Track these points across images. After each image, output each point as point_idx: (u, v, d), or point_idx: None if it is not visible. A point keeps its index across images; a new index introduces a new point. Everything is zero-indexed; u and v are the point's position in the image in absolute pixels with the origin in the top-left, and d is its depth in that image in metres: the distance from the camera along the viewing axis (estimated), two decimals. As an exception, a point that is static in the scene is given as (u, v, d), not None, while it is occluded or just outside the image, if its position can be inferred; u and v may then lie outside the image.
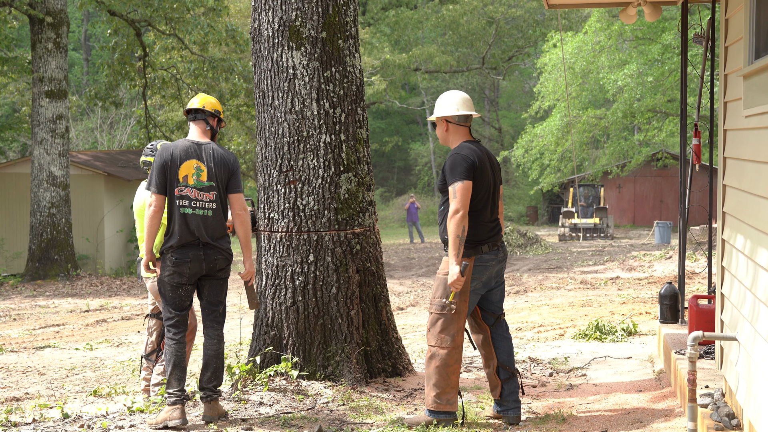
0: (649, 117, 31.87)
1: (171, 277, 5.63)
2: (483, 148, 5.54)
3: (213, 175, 5.65)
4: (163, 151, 5.65)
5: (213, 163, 5.66)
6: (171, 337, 5.66)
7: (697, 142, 7.57)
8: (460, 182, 5.28)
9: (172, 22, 21.15)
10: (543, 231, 35.97)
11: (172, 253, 5.61)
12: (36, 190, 18.92)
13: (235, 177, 5.74)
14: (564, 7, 10.02)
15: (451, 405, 5.41)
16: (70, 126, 22.16)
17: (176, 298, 5.67)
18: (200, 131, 5.80)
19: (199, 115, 5.81)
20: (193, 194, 5.62)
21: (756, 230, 4.32)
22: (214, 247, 5.65)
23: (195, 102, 5.84)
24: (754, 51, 4.53)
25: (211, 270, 5.69)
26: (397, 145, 48.49)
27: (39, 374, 8.20)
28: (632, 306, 11.59)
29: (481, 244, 5.41)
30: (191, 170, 5.62)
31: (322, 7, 6.63)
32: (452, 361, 5.39)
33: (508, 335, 5.69)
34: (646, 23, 26.59)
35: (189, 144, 5.70)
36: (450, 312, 5.36)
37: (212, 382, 5.74)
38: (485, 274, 5.46)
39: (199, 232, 5.59)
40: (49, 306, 14.62)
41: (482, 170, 5.39)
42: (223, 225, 5.72)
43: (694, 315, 6.50)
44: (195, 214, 5.61)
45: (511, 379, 5.56)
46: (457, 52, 42.81)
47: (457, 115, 5.54)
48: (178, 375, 5.61)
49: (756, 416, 4.18)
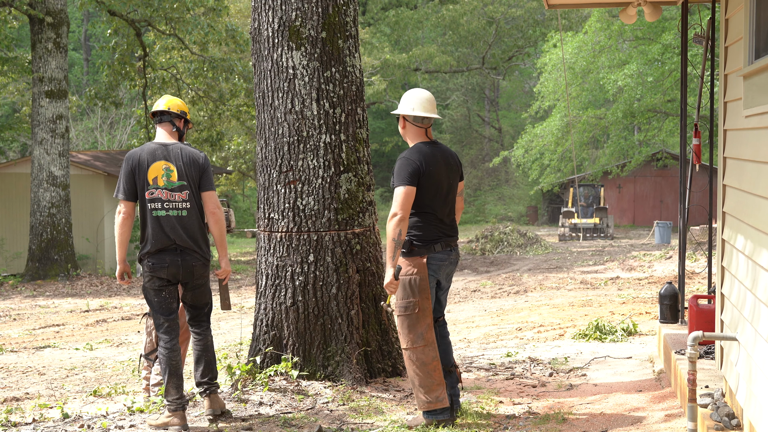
0: (649, 117, 31.89)
1: (152, 282, 5.57)
2: (439, 149, 5.59)
3: (183, 174, 5.58)
4: (129, 157, 5.59)
5: (182, 162, 5.59)
6: (164, 345, 5.59)
7: (697, 142, 7.57)
8: (402, 187, 5.37)
9: (172, 22, 21.15)
10: (543, 231, 35.97)
11: (148, 259, 5.54)
12: (36, 190, 18.92)
13: (206, 174, 5.67)
14: (564, 7, 10.02)
15: (441, 401, 5.46)
16: (70, 126, 22.17)
17: (162, 301, 5.60)
18: (166, 133, 5.73)
19: (165, 117, 5.75)
20: (164, 195, 5.54)
21: (756, 230, 4.32)
22: (192, 252, 5.57)
23: (160, 104, 5.79)
24: (754, 51, 4.53)
25: (188, 277, 5.62)
26: (397, 145, 48.45)
27: (39, 374, 8.20)
28: (632, 306, 11.59)
29: (434, 243, 5.50)
30: (160, 171, 5.55)
31: (322, 7, 6.63)
32: (429, 359, 5.46)
33: (446, 334, 5.81)
34: (646, 23, 26.60)
35: (155, 146, 5.63)
36: (413, 311, 5.45)
37: (207, 375, 5.73)
38: (439, 272, 5.56)
39: (175, 234, 5.52)
40: (49, 306, 14.62)
41: (431, 173, 5.45)
42: (200, 225, 5.63)
43: (694, 315, 6.50)
44: (169, 216, 5.52)
45: (449, 376, 5.68)
46: (457, 52, 42.82)
47: (412, 115, 5.57)
48: (176, 383, 5.56)
49: (756, 416, 4.18)
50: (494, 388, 6.65)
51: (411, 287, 5.48)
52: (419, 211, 5.48)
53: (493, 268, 20.16)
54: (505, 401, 6.24)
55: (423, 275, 5.46)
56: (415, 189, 5.39)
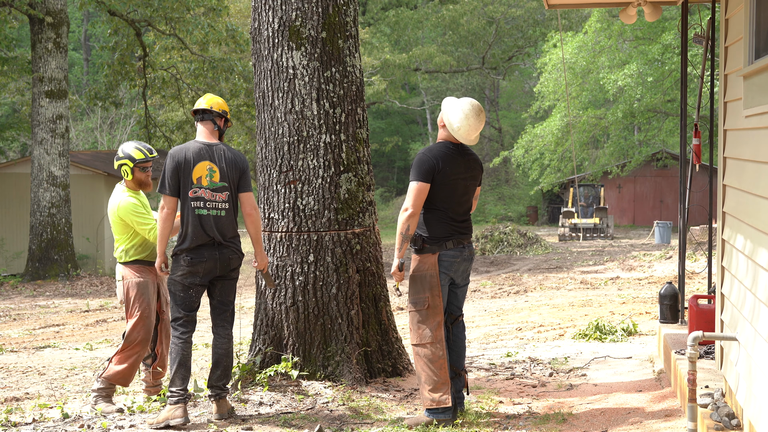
0: (649, 117, 31.90)
1: (184, 277, 5.69)
2: (462, 151, 5.60)
3: (225, 175, 5.72)
4: (176, 154, 5.69)
5: (225, 163, 5.73)
6: (178, 336, 5.71)
7: (697, 142, 7.57)
8: (415, 183, 5.42)
9: (172, 22, 21.15)
10: (543, 231, 35.96)
11: (186, 254, 5.67)
12: (36, 190, 18.92)
13: (245, 176, 5.81)
14: (564, 7, 10.02)
15: (445, 401, 5.47)
16: (70, 126, 22.17)
17: (187, 298, 5.73)
18: (208, 132, 5.84)
19: (207, 116, 5.85)
20: (207, 195, 5.68)
21: (756, 230, 4.32)
22: (228, 246, 5.74)
23: (202, 102, 5.87)
24: (754, 51, 4.53)
25: (225, 269, 5.77)
26: (397, 145, 48.48)
27: (39, 374, 8.20)
28: (632, 306, 11.59)
29: (445, 240, 5.52)
30: (204, 171, 5.68)
31: (322, 7, 6.63)
32: (436, 356, 5.48)
33: (463, 336, 5.82)
34: (646, 23, 26.60)
35: (200, 145, 5.75)
36: (423, 307, 5.49)
37: (222, 380, 5.83)
38: (452, 270, 5.56)
39: (213, 232, 5.67)
40: (49, 306, 14.62)
41: (447, 172, 5.47)
42: (234, 225, 5.81)
43: (694, 315, 6.50)
44: (210, 215, 5.68)
45: (457, 378, 5.70)
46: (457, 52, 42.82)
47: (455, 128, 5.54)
48: (182, 374, 5.64)
49: (756, 416, 4.18)
50: (494, 388, 6.65)
51: (422, 284, 5.52)
52: (432, 208, 5.50)
53: (493, 268, 20.16)
54: (505, 401, 6.24)
55: (433, 272, 5.50)
56: (428, 186, 5.43)
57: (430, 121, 49.60)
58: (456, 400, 5.67)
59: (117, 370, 6.30)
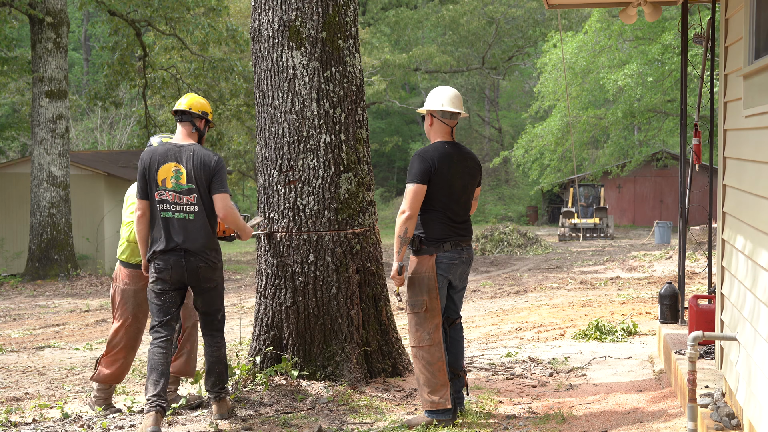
0: (649, 117, 31.90)
1: (154, 284, 5.54)
2: (458, 150, 5.57)
3: (192, 177, 5.48)
4: (144, 155, 5.57)
5: (192, 165, 5.49)
6: (152, 341, 5.55)
7: (697, 142, 7.57)
8: (412, 184, 5.38)
9: (172, 22, 21.15)
10: (543, 231, 35.96)
11: (155, 260, 5.52)
12: (36, 190, 18.92)
13: (217, 177, 5.51)
14: (564, 7, 10.02)
15: (444, 403, 5.46)
16: (70, 126, 22.16)
17: (161, 305, 5.56)
18: (185, 133, 5.65)
19: (186, 117, 5.67)
20: (172, 198, 5.47)
21: (756, 230, 4.32)
22: (197, 255, 5.48)
23: (182, 103, 5.69)
24: (754, 51, 4.53)
25: (193, 279, 5.54)
26: (397, 145, 48.48)
27: (39, 374, 8.20)
28: (632, 306, 11.59)
29: (443, 242, 5.47)
30: (170, 173, 5.49)
31: (322, 7, 6.63)
32: (434, 359, 5.46)
33: (460, 338, 5.80)
34: (646, 23, 26.60)
35: (170, 147, 5.57)
36: (421, 310, 5.46)
37: (217, 385, 5.77)
38: (449, 272, 5.52)
39: (180, 237, 5.45)
40: (49, 306, 14.62)
41: (444, 172, 5.43)
42: (207, 231, 5.52)
43: (694, 315, 6.50)
44: (176, 218, 5.47)
45: (456, 379, 5.68)
46: (457, 52, 42.83)
47: (441, 110, 5.57)
48: (154, 379, 5.44)
49: (756, 416, 4.18)
50: (494, 388, 6.65)
51: (419, 286, 5.49)
52: (429, 209, 5.46)
53: (493, 268, 20.16)
54: (505, 401, 6.24)
55: (431, 275, 5.46)
56: (424, 187, 5.38)
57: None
58: (456, 400, 5.66)
59: (106, 373, 6.11)
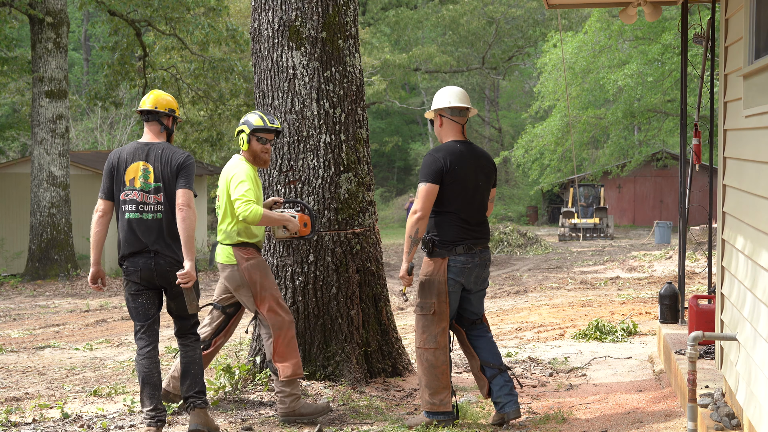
0: (649, 117, 31.90)
1: (128, 286, 5.34)
2: (471, 149, 5.47)
3: (159, 175, 5.28)
4: (112, 155, 5.39)
5: (159, 163, 5.29)
6: (138, 351, 5.30)
7: (697, 142, 7.57)
8: (423, 184, 5.29)
9: (172, 22, 21.15)
10: (543, 231, 35.96)
11: (123, 262, 5.34)
12: (36, 190, 18.91)
13: (183, 173, 5.26)
14: (564, 7, 10.02)
15: (445, 405, 5.41)
16: (70, 126, 22.15)
17: (138, 306, 5.33)
18: (153, 134, 5.42)
19: (152, 116, 5.42)
20: (140, 197, 5.27)
21: (756, 230, 4.32)
22: (165, 256, 5.26)
23: (147, 101, 5.44)
24: (754, 51, 4.53)
25: (164, 282, 5.30)
26: (397, 145, 48.49)
27: (39, 374, 8.20)
28: (632, 306, 11.59)
29: (456, 246, 5.36)
30: (138, 172, 5.29)
31: (322, 7, 6.63)
32: (438, 362, 5.39)
33: (486, 333, 5.60)
34: (646, 23, 26.60)
35: (138, 146, 5.37)
36: (429, 312, 5.37)
37: (193, 389, 5.38)
38: (462, 276, 5.40)
39: (148, 237, 5.24)
40: (49, 306, 14.61)
41: (456, 171, 5.32)
42: (175, 230, 5.26)
43: (694, 315, 6.50)
44: (143, 219, 5.26)
45: (499, 376, 5.49)
46: (457, 52, 42.84)
47: (449, 107, 5.48)
48: (149, 392, 5.25)
49: (756, 416, 4.18)
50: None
51: (429, 288, 5.39)
52: (442, 210, 5.36)
53: (493, 268, 20.15)
54: (505, 401, 6.23)
55: (442, 278, 5.36)
56: (437, 187, 5.28)
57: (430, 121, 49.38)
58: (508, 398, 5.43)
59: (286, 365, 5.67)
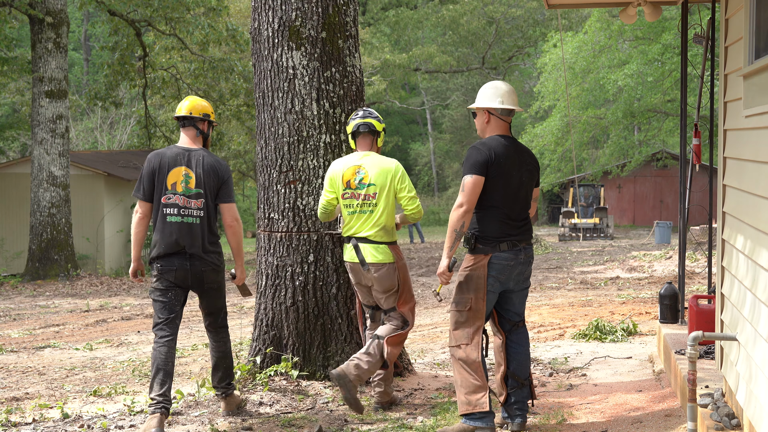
0: (649, 117, 31.90)
1: (158, 282, 5.56)
2: (516, 146, 5.32)
3: (201, 182, 5.55)
4: (152, 158, 5.59)
5: (202, 170, 5.55)
6: (156, 340, 5.52)
7: (697, 142, 7.57)
8: (469, 176, 5.12)
9: (172, 22, 21.15)
10: (543, 231, 35.96)
11: (157, 262, 5.54)
12: (36, 190, 18.91)
13: (225, 186, 5.63)
14: (564, 7, 10.02)
15: (482, 405, 5.16)
16: (70, 126, 22.16)
17: (166, 302, 5.54)
18: (189, 138, 5.70)
19: (188, 122, 5.70)
20: (181, 202, 5.53)
21: (756, 230, 4.32)
22: (201, 258, 5.54)
23: (183, 108, 5.72)
24: (754, 51, 4.53)
25: (198, 283, 5.59)
26: (397, 145, 48.50)
27: (39, 374, 8.20)
28: (632, 306, 11.59)
29: (499, 242, 5.19)
30: (180, 177, 5.54)
31: (322, 7, 6.63)
32: (471, 359, 5.20)
33: (525, 344, 5.48)
34: (646, 23, 26.60)
35: (179, 150, 5.62)
36: (465, 308, 5.21)
37: (224, 380, 5.82)
38: (503, 274, 5.24)
39: (185, 240, 5.49)
40: (49, 306, 14.61)
41: (501, 164, 5.17)
42: (211, 233, 5.59)
43: (694, 315, 6.50)
44: (184, 222, 5.51)
45: (519, 389, 5.42)
46: (457, 52, 42.81)
47: (500, 108, 5.31)
48: (161, 379, 5.42)
49: (756, 416, 4.18)
50: (494, 389, 6.64)
51: (467, 284, 5.21)
52: (486, 205, 5.18)
53: (493, 268, 20.11)
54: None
55: (481, 274, 5.18)
56: (483, 179, 5.10)
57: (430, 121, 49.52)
58: (519, 411, 5.39)
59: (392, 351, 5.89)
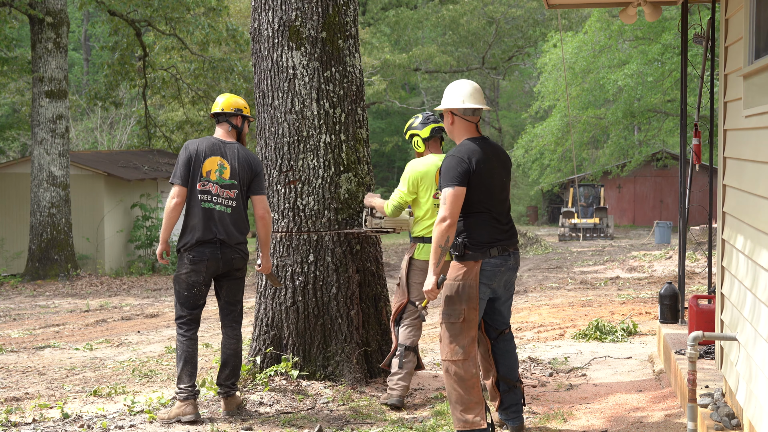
0: (649, 117, 31.90)
1: (188, 275, 5.75)
2: (490, 145, 5.18)
3: (236, 173, 5.79)
4: (189, 145, 5.83)
5: (237, 162, 5.81)
6: (182, 333, 5.78)
7: (697, 142, 7.57)
8: (450, 188, 4.89)
9: (172, 22, 21.15)
10: (543, 231, 35.96)
11: (189, 251, 5.73)
12: (36, 190, 18.91)
13: (258, 179, 5.88)
14: (564, 7, 10.02)
15: (478, 423, 4.98)
16: (70, 126, 22.15)
17: (190, 297, 5.78)
18: (224, 132, 5.96)
19: (221, 118, 5.97)
20: (215, 190, 5.76)
21: (756, 230, 4.32)
22: (231, 246, 5.77)
23: (217, 105, 6.00)
24: (754, 51, 4.53)
25: (227, 268, 5.81)
26: (397, 145, 48.45)
27: (39, 374, 8.20)
28: (632, 306, 11.59)
29: (490, 248, 5.01)
30: (215, 166, 5.78)
31: (322, 7, 6.63)
32: (468, 375, 4.99)
33: (511, 348, 5.38)
34: (646, 23, 26.59)
35: (215, 141, 5.88)
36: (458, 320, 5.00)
37: (230, 379, 5.89)
38: (494, 281, 5.07)
39: (218, 228, 5.72)
40: (49, 306, 14.61)
41: (482, 171, 5.00)
42: (242, 227, 5.84)
43: (694, 315, 6.50)
44: (216, 209, 5.73)
45: (512, 391, 5.35)
46: (457, 52, 42.81)
47: (462, 108, 5.15)
48: (189, 371, 5.71)
49: (756, 416, 4.18)
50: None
51: (458, 294, 4.99)
52: (472, 211, 5.00)
53: (493, 268, 20.11)
54: (505, 401, 6.23)
55: (473, 282, 4.97)
56: (464, 190, 4.91)
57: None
58: (513, 414, 5.33)
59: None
